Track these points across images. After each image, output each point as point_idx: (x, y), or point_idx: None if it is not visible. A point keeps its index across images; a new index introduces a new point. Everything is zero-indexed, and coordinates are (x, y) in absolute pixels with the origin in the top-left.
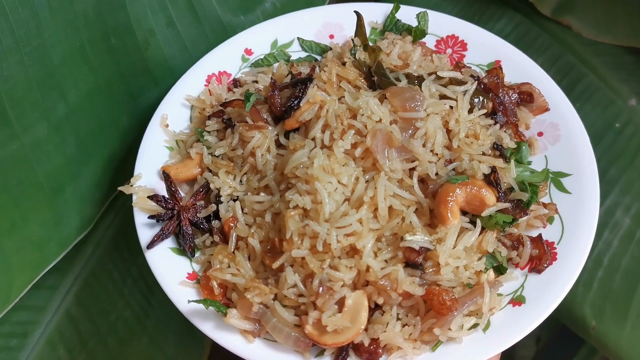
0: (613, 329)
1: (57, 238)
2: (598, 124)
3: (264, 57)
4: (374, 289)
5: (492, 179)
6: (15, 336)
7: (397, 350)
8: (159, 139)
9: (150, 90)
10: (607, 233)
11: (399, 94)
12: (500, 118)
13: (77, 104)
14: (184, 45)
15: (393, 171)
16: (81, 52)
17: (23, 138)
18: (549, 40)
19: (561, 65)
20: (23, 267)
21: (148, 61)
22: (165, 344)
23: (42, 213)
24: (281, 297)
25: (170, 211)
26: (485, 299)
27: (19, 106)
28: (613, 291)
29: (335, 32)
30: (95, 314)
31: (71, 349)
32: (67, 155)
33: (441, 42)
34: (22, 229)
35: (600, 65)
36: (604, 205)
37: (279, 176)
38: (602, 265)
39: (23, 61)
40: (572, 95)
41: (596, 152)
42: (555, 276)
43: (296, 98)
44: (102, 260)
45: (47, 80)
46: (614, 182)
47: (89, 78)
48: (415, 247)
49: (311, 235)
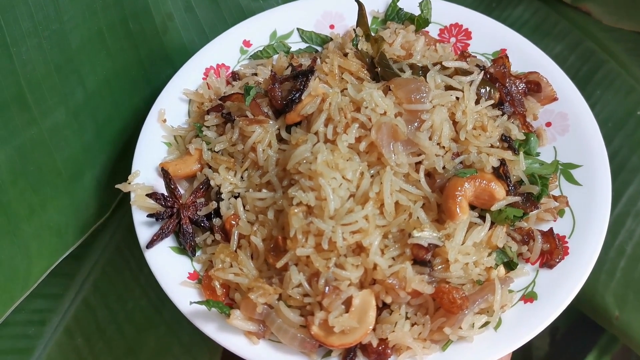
0: (636, 318)
1: (75, 224)
2: (619, 112)
3: (263, 49)
4: (382, 287)
5: (501, 172)
6: (32, 324)
7: (406, 351)
8: (156, 135)
9: (168, 76)
10: (630, 222)
11: (403, 85)
12: (508, 108)
13: (95, 90)
14: (202, 30)
15: (399, 165)
16: (99, 36)
17: (42, 123)
18: (568, 27)
19: (581, 52)
20: (41, 253)
21: (166, 46)
22: (181, 333)
23: (60, 199)
24: (286, 297)
25: (170, 209)
26: (496, 296)
27: (38, 91)
28: (636, 280)
29: (335, 22)
30: (112, 302)
31: (89, 337)
32: (85, 141)
33: (445, 31)
34: (40, 215)
35: (620, 51)
36: (626, 193)
37: (281, 172)
38: (625, 254)
39: (42, 45)
40: (592, 82)
41: (617, 140)
42: (567, 271)
43: (297, 91)
44: (119, 248)
45: (65, 64)
46: (636, 170)
47: (107, 63)
48: (423, 244)
49: (316, 233)
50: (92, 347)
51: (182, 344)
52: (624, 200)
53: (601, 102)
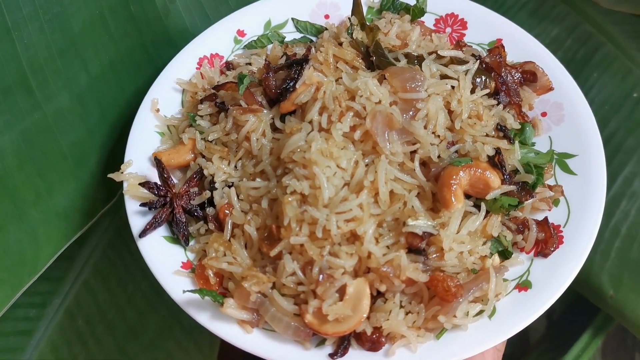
0: (631, 297)
1: (82, 209)
2: (616, 94)
3: (257, 39)
4: (376, 276)
5: (496, 161)
6: (34, 306)
7: (400, 339)
8: (149, 125)
9: (172, 59)
10: (625, 203)
11: (398, 74)
12: (503, 98)
13: (99, 74)
14: (204, 12)
15: (394, 154)
16: (101, 20)
17: (46, 108)
18: (566, 10)
19: (578, 35)
20: (49, 238)
21: (169, 29)
22: (182, 316)
23: (67, 184)
24: (280, 285)
25: (163, 198)
26: (490, 284)
27: (41, 74)
28: (631, 260)
29: (330, 11)
30: (113, 286)
31: (90, 320)
32: (90, 125)
33: (440, 21)
34: (47, 200)
35: (618, 34)
36: (622, 175)
37: (275, 161)
38: (620, 235)
39: (43, 29)
40: (589, 65)
41: (614, 122)
42: (562, 260)
43: (292, 80)
44: (120, 232)
45: (68, 48)
46: (632, 151)
47: (110, 47)
48: (418, 232)
49: (310, 221)
50: (93, 329)
51: (183, 327)
52: (619, 181)
53: (598, 85)
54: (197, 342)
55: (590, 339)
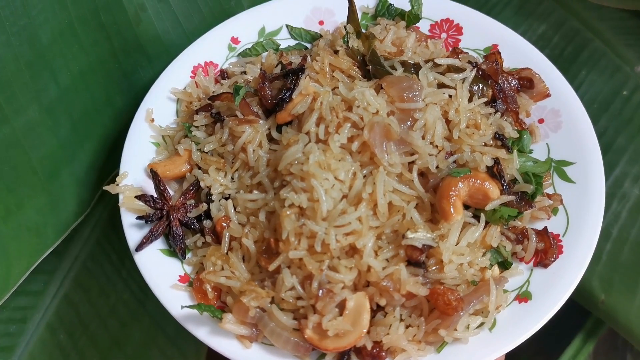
0: (622, 302)
1: (54, 223)
2: (605, 92)
3: (252, 46)
4: (376, 290)
5: (495, 171)
6: (14, 322)
7: (401, 353)
8: (144, 135)
9: (144, 67)
10: (616, 204)
11: (395, 83)
12: (500, 106)
13: (69, 85)
14: (176, 20)
15: (392, 165)
16: (70, 30)
17: (14, 122)
18: (552, 5)
19: (565, 31)
20: (20, 254)
21: (140, 38)
22: (166, 325)
23: (37, 198)
24: (279, 300)
25: (159, 211)
26: (491, 297)
27: (9, 89)
28: (622, 263)
29: (325, 18)
30: (94, 297)
31: (72, 333)
32: (61, 137)
33: (435, 27)
34: (17, 215)
35: (605, 30)
36: (612, 175)
37: (272, 173)
38: (611, 237)
39: (10, 42)
40: (577, 62)
41: (603, 120)
42: (562, 270)
43: (288, 90)
44: (100, 243)
45: (36, 60)
46: (622, 151)
47: (80, 57)
48: (417, 245)
49: (308, 235)
50: (75, 342)
51: (167, 335)
52: (610, 182)
53: (587, 82)
54: (182, 350)
55: (582, 344)
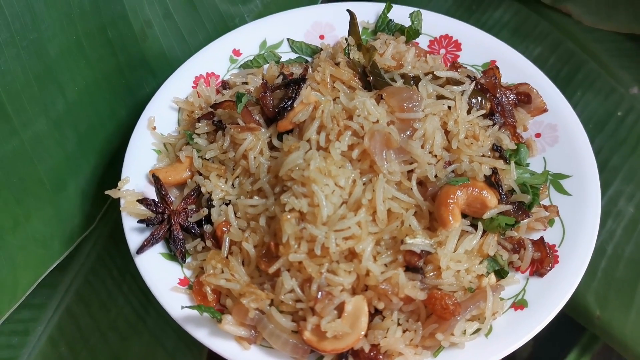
0: (618, 318)
1: (60, 235)
2: (599, 113)
3: (253, 58)
4: (374, 293)
5: (493, 181)
6: (16, 334)
7: (398, 356)
8: (146, 142)
9: (149, 82)
10: (611, 222)
11: (396, 94)
12: (498, 119)
13: (76, 98)
14: (181, 36)
15: (391, 173)
16: (78, 45)
17: (23, 134)
18: (548, 28)
19: (561, 53)
20: (28, 265)
21: (146, 53)
22: (165, 339)
23: (44, 210)
24: (278, 302)
25: (161, 215)
26: (487, 303)
27: (18, 101)
28: (617, 280)
29: (325, 32)
30: (95, 311)
31: (73, 346)
32: (68, 151)
33: (434, 43)
34: (25, 227)
35: (601, 52)
36: (607, 194)
37: (272, 179)
38: (606, 254)
39: (20, 55)
40: (572, 83)
41: (598, 140)
42: (557, 279)
43: (289, 99)
44: (101, 257)
45: (45, 74)
46: (616, 170)
47: (87, 72)
48: (416, 250)
49: (308, 239)
50: (76, 355)
51: (166, 350)
52: (605, 200)
53: (582, 103)
54: None
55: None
